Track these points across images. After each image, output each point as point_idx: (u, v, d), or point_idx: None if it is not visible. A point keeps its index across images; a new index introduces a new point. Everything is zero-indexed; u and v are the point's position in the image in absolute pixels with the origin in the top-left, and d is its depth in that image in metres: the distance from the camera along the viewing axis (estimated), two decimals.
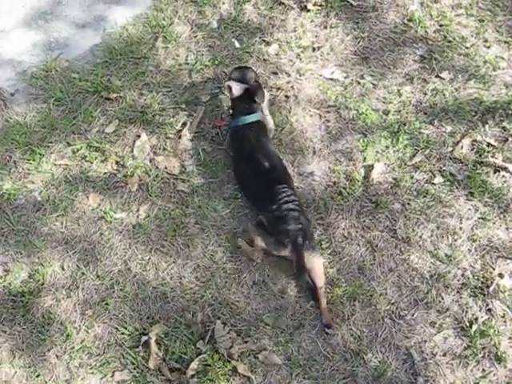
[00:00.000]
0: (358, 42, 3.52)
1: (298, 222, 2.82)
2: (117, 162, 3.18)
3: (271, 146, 3.11)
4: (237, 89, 3.07)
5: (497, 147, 3.22)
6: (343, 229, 3.01)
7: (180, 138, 3.22)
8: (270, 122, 3.19)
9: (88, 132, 3.26)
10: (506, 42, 3.56)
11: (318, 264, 2.85)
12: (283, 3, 3.64)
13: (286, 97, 3.36)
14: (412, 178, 3.14)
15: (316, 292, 2.84)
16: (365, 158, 3.18)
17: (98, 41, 3.57)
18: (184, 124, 3.27)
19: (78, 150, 3.21)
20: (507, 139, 3.26)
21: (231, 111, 3.19)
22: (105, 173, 3.16)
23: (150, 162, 3.18)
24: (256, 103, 3.09)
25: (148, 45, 3.51)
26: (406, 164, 3.17)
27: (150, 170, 3.15)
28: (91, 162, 3.18)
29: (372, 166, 3.15)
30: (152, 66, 3.44)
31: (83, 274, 2.93)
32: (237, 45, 3.52)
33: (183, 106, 3.32)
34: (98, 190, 3.12)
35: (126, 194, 3.11)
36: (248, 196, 3.08)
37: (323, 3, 3.64)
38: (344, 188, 3.10)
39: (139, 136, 3.24)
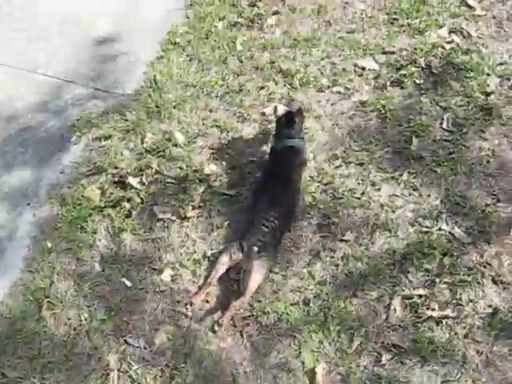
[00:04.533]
0: None
1: (264, 238, 3.06)
2: None
3: (296, 176, 3.38)
4: (281, 110, 3.46)
5: (428, 295, 3.02)
6: None
7: None
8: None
9: None
10: (393, 178, 3.44)
11: (258, 276, 3.01)
12: (161, 219, 3.39)
13: None
14: (359, 366, 2.86)
15: (239, 298, 2.98)
16: (303, 363, 2.88)
17: None
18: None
19: None
20: (434, 281, 3.07)
21: (274, 133, 3.59)
22: None
23: None
24: (295, 129, 3.46)
25: (34, 317, 3.12)
26: (347, 354, 2.88)
27: None
28: None
29: (313, 369, 2.85)
30: (45, 341, 3.04)
31: None
32: (128, 284, 3.18)
33: None
34: None
35: None
36: (250, 205, 3.36)
37: (201, 204, 3.43)
38: None
39: None
